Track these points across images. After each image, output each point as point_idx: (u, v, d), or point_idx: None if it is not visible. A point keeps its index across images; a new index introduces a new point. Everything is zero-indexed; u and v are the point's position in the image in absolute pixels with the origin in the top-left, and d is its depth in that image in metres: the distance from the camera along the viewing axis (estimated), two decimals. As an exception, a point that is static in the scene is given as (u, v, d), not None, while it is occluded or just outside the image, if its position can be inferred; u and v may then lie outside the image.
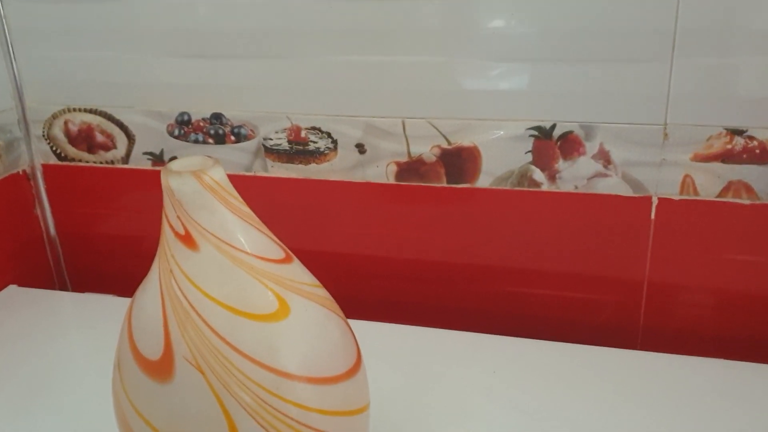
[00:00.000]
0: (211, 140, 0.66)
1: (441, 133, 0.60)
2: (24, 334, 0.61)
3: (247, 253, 0.36)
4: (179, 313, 0.35)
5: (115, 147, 0.69)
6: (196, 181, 0.35)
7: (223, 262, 0.35)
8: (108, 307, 0.66)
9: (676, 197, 0.58)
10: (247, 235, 0.36)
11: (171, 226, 0.36)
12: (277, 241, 0.38)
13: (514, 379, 0.54)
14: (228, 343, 0.34)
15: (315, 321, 0.37)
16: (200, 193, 0.35)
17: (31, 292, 0.69)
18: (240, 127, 0.65)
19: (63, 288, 0.77)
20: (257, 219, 0.37)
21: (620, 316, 0.62)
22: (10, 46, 0.68)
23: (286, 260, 0.38)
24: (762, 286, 0.58)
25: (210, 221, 0.35)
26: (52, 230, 0.74)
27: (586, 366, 0.55)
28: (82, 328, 0.64)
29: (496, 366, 0.55)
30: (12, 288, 0.69)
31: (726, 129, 0.55)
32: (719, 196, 0.57)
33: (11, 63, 0.68)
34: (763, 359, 0.56)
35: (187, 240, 0.35)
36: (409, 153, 0.62)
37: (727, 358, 0.56)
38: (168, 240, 0.36)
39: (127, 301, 0.65)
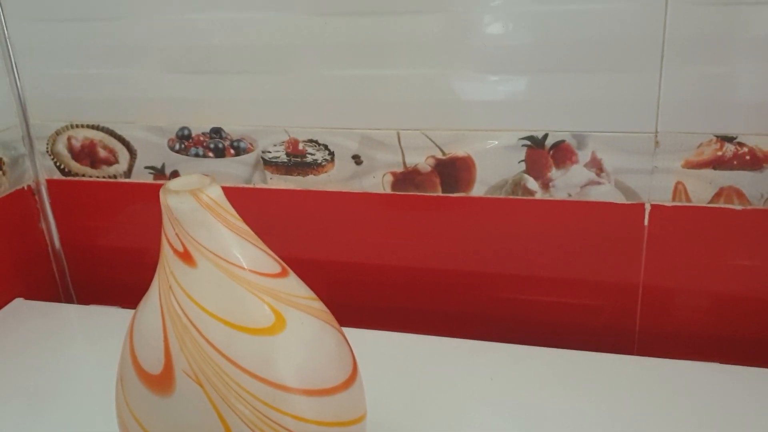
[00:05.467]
0: (211, 154, 0.67)
1: (435, 143, 0.61)
2: (30, 347, 0.62)
3: (243, 268, 0.37)
4: (178, 328, 0.36)
5: (117, 162, 0.70)
6: (193, 200, 0.36)
7: (221, 278, 0.36)
8: (112, 319, 0.67)
9: (669, 204, 0.58)
10: (243, 250, 0.37)
11: (170, 244, 0.37)
12: (274, 255, 0.39)
13: (511, 385, 0.54)
14: (226, 357, 0.35)
15: (311, 334, 0.38)
16: (198, 211, 0.36)
17: (37, 305, 0.70)
18: (239, 140, 0.66)
19: (68, 300, 0.78)
20: (254, 235, 0.38)
21: (616, 322, 0.63)
22: (13, 64, 0.69)
23: (282, 274, 0.39)
24: (756, 289, 0.59)
25: (207, 238, 0.36)
26: (57, 244, 0.75)
27: (582, 372, 0.56)
28: (87, 339, 0.65)
29: (493, 373, 0.56)
30: (18, 301, 0.71)
31: (716, 136, 0.56)
32: (711, 202, 0.58)
33: (15, 81, 0.70)
34: (758, 362, 0.57)
35: (186, 257, 0.36)
36: (404, 163, 0.63)
37: (723, 362, 0.56)
38: (167, 257, 0.37)
39: (131, 312, 0.66)
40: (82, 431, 0.51)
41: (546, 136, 0.59)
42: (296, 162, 0.65)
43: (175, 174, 0.69)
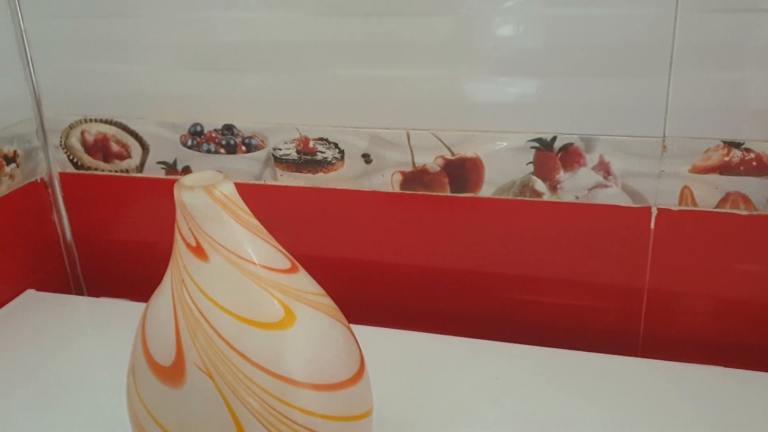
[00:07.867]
0: (222, 150, 0.68)
1: (444, 144, 0.62)
2: (41, 337, 0.63)
3: (254, 263, 0.37)
4: (190, 321, 0.36)
5: (129, 156, 0.71)
6: (207, 196, 0.37)
7: (232, 273, 0.37)
8: (122, 311, 0.67)
9: (675, 208, 0.59)
10: (254, 246, 0.38)
11: (183, 238, 0.37)
12: (284, 251, 0.40)
13: (516, 385, 0.55)
14: (236, 350, 0.36)
15: (319, 329, 0.38)
16: (211, 206, 0.37)
17: (48, 296, 0.71)
18: (250, 137, 0.67)
19: (79, 292, 0.79)
20: (265, 230, 0.39)
21: (621, 324, 0.63)
22: (29, 58, 0.70)
23: (292, 270, 0.39)
24: (760, 294, 0.59)
25: (220, 233, 0.37)
26: (69, 236, 0.76)
27: (587, 373, 0.56)
28: (97, 331, 0.66)
29: (498, 372, 0.56)
30: (30, 292, 0.71)
31: (723, 141, 0.56)
32: (717, 206, 0.58)
33: (30, 75, 0.70)
34: (762, 367, 0.57)
35: (198, 251, 0.37)
36: (413, 163, 0.63)
37: (727, 366, 0.57)
38: (180, 251, 0.38)
39: (140, 305, 0.67)
40: (91, 421, 0.52)
41: (554, 138, 0.59)
42: (306, 160, 0.66)
43: (186, 169, 0.70)
